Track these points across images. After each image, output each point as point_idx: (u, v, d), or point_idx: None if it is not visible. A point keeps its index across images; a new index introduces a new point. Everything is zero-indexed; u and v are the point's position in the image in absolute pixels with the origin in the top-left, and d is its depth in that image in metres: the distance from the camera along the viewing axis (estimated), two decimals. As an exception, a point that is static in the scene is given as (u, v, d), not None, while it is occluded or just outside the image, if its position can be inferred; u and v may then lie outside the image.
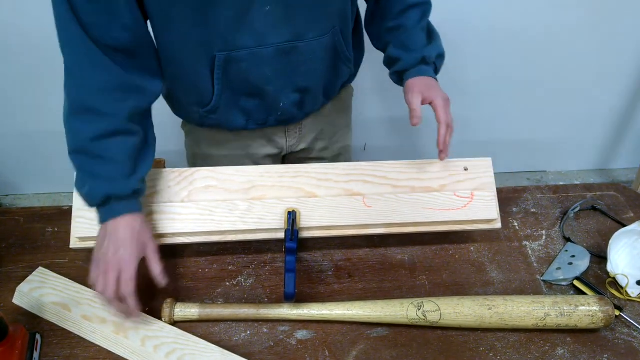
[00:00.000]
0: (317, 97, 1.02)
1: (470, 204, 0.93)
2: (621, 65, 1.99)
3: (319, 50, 0.91)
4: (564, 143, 2.26)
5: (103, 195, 0.77)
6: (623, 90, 2.08)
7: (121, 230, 0.77)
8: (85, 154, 0.77)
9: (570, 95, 2.06)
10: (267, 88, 0.92)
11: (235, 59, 0.86)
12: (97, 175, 0.77)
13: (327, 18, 0.89)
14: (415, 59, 0.94)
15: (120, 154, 0.78)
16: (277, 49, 0.86)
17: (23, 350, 0.77)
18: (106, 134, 0.77)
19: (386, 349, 0.83)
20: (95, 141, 0.77)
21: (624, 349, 0.84)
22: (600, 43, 1.90)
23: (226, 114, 0.97)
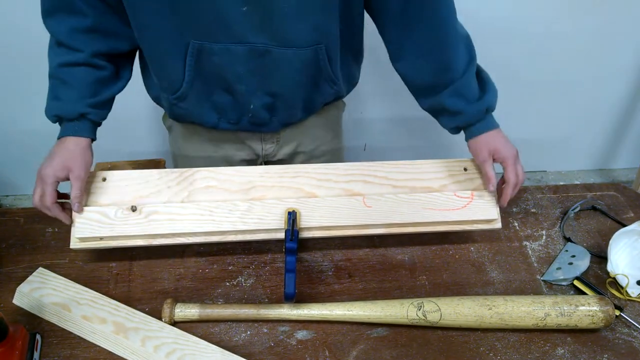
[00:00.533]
0: (292, 107, 0.99)
1: (470, 204, 0.93)
2: (621, 65, 1.99)
3: (296, 62, 0.88)
4: (564, 143, 2.26)
5: (53, 114, 0.87)
6: (623, 90, 2.08)
7: (57, 149, 0.86)
8: (54, 77, 0.88)
9: (571, 95, 2.06)
10: (238, 86, 0.91)
11: (209, 50, 0.85)
12: (55, 97, 0.87)
13: (307, 32, 0.86)
14: (479, 112, 0.90)
15: (81, 81, 0.87)
16: (251, 49, 0.85)
17: (23, 350, 0.77)
18: (71, 64, 0.86)
19: (386, 349, 0.83)
20: (61, 67, 0.87)
21: (624, 348, 0.84)
22: (600, 43, 1.90)
23: (196, 106, 0.96)
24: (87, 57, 0.86)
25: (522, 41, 1.85)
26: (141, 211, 0.88)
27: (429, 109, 0.97)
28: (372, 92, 1.93)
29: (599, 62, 1.96)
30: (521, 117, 2.12)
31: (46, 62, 0.85)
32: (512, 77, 1.96)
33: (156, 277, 0.92)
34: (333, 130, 1.16)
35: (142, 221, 0.87)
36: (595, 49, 1.91)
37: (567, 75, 1.99)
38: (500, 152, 0.90)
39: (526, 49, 1.88)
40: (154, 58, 0.90)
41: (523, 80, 1.98)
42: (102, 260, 0.95)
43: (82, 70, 0.87)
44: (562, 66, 1.95)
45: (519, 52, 1.88)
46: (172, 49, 0.87)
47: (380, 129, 2.10)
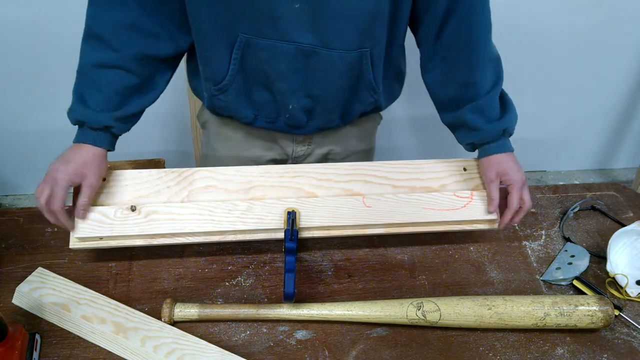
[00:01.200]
0: (330, 113, 0.99)
1: (470, 204, 0.94)
2: (621, 65, 1.99)
3: (341, 64, 0.89)
4: (564, 143, 2.26)
5: (76, 119, 0.84)
6: (623, 90, 2.08)
7: (72, 153, 0.84)
8: (84, 75, 0.85)
9: (570, 95, 2.06)
10: (279, 85, 0.91)
11: (256, 45, 0.86)
12: (82, 99, 0.84)
13: (355, 34, 0.86)
14: (497, 132, 0.91)
15: (111, 86, 0.84)
16: (298, 49, 0.86)
17: (23, 350, 0.77)
18: (106, 65, 0.83)
19: (386, 349, 0.83)
20: (94, 67, 0.84)
21: (624, 348, 0.84)
22: (600, 43, 1.90)
23: (236, 101, 0.96)
24: (125, 58, 0.84)
25: (522, 41, 1.85)
26: (141, 211, 0.88)
27: (449, 123, 0.98)
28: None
29: (599, 62, 1.96)
30: (521, 117, 2.11)
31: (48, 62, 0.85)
32: (512, 77, 1.95)
33: (156, 277, 0.92)
34: (366, 143, 1.15)
35: (142, 221, 0.87)
36: (596, 49, 1.91)
37: (567, 75, 1.99)
38: (509, 175, 0.91)
39: (526, 49, 1.88)
40: (202, 46, 0.90)
41: (523, 80, 1.98)
42: (101, 260, 0.95)
43: (115, 74, 0.84)
44: (562, 66, 1.95)
45: (519, 52, 1.88)
46: (221, 40, 0.87)
47: (381, 129, 2.09)
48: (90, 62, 0.84)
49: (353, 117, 1.03)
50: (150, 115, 2.01)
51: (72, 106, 0.85)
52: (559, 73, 1.98)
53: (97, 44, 0.83)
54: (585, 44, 1.89)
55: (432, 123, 2.25)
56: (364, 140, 1.14)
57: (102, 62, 0.83)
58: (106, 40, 0.83)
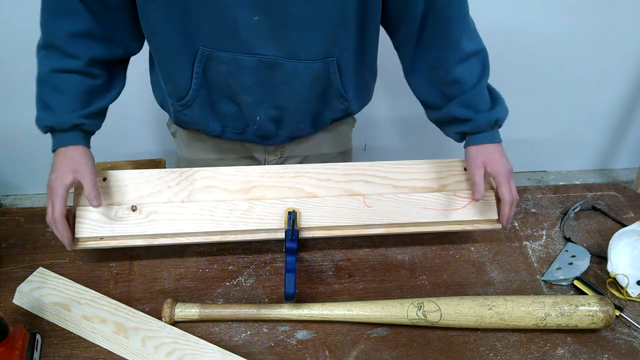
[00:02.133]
0: (299, 122, 0.98)
1: (470, 204, 0.93)
2: (621, 65, 1.99)
3: (306, 75, 0.87)
4: (564, 143, 2.26)
5: (45, 125, 0.84)
6: (623, 91, 2.08)
7: (56, 161, 0.85)
8: (44, 83, 0.84)
9: (570, 95, 2.06)
10: (244, 97, 0.90)
11: (217, 59, 0.85)
12: (46, 106, 0.84)
13: (319, 44, 0.85)
14: (488, 122, 0.90)
15: (74, 89, 0.84)
16: (260, 61, 0.84)
17: (23, 350, 0.77)
18: (65, 70, 0.83)
19: (386, 349, 0.83)
20: (54, 73, 0.83)
21: (624, 349, 0.84)
22: (600, 43, 1.90)
23: (201, 115, 0.95)
24: (83, 64, 0.83)
25: (522, 41, 1.85)
26: (141, 211, 0.88)
27: (437, 120, 0.97)
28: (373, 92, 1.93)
29: (599, 61, 1.96)
30: (521, 117, 2.12)
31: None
32: (512, 77, 1.96)
33: (156, 277, 0.92)
34: (341, 147, 1.13)
35: (142, 221, 0.87)
36: (596, 49, 1.91)
37: (568, 75, 1.99)
38: (495, 166, 0.89)
39: (526, 49, 1.88)
40: (162, 62, 0.89)
41: (523, 80, 1.98)
42: (102, 260, 0.95)
43: (76, 78, 0.84)
44: (562, 66, 1.95)
45: (519, 52, 1.88)
46: (181, 55, 0.86)
47: (380, 129, 2.10)
48: (49, 69, 0.83)
49: (324, 124, 1.02)
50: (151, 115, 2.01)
51: (38, 115, 0.85)
52: (559, 73, 1.97)
53: (53, 53, 0.83)
54: (586, 44, 1.89)
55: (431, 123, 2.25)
56: (339, 144, 1.12)
57: (63, 68, 0.83)
58: (62, 49, 0.82)
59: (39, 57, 0.84)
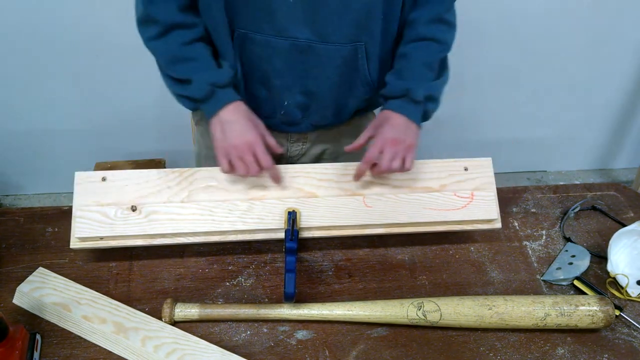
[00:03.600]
0: (325, 109, 0.99)
1: (470, 204, 0.93)
2: (621, 65, 1.99)
3: (336, 58, 0.89)
4: (564, 143, 2.26)
5: (209, 83, 0.84)
6: (623, 91, 2.08)
7: (235, 117, 0.85)
8: (179, 60, 0.85)
9: (571, 95, 2.06)
10: (274, 81, 0.92)
11: (251, 40, 0.86)
12: (197, 69, 0.85)
13: (351, 26, 0.86)
14: (400, 90, 0.88)
15: (207, 54, 0.87)
16: (293, 44, 0.86)
17: (23, 350, 0.77)
18: (192, 40, 0.86)
19: (386, 349, 0.83)
20: (184, 46, 0.85)
21: (624, 348, 0.84)
22: (600, 43, 1.90)
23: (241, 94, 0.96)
24: (202, 30, 0.87)
25: (522, 41, 1.85)
26: (141, 211, 0.88)
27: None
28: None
29: (599, 62, 1.96)
30: (521, 117, 2.12)
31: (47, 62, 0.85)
32: (512, 77, 1.96)
33: (156, 277, 0.92)
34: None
35: (142, 221, 0.87)
36: (595, 49, 1.91)
37: (567, 75, 1.99)
38: (381, 130, 0.87)
39: (526, 49, 1.88)
40: (214, 40, 0.91)
41: (523, 81, 1.98)
42: (102, 260, 0.95)
43: (202, 46, 0.87)
44: (562, 66, 1.95)
45: (519, 52, 1.88)
46: (225, 36, 0.88)
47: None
48: (178, 44, 0.85)
49: (347, 114, 1.03)
50: (151, 115, 2.01)
51: (195, 80, 0.85)
52: (560, 73, 1.97)
53: (177, 31, 0.85)
54: (586, 44, 1.89)
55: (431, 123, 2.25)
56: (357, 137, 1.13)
57: (189, 39, 0.85)
58: (183, 23, 0.84)
59: (158, 48, 0.86)
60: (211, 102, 0.86)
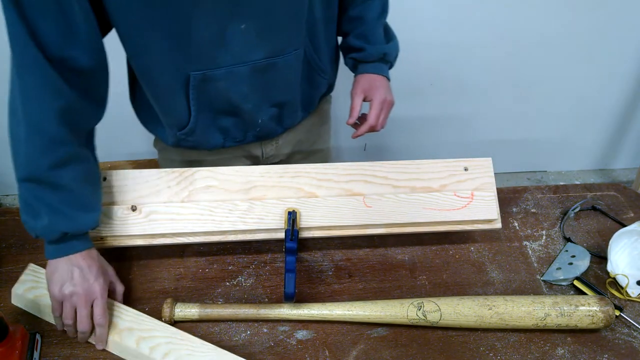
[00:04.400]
0: (295, 110, 1.01)
1: (470, 204, 0.93)
2: (621, 65, 1.99)
3: (295, 64, 0.91)
4: (564, 143, 2.26)
5: (61, 232, 0.75)
6: (623, 90, 2.08)
7: (84, 263, 0.77)
8: (42, 183, 0.73)
9: (570, 95, 2.06)
10: (244, 106, 0.91)
11: (212, 77, 0.85)
12: (56, 210, 0.74)
13: (300, 34, 0.88)
14: (378, 54, 1.00)
15: (76, 182, 0.76)
16: (254, 67, 0.85)
17: (23, 350, 0.77)
18: (62, 162, 0.73)
19: (386, 349, 0.83)
20: (53, 169, 0.72)
21: (624, 349, 0.84)
22: (600, 43, 1.90)
23: (204, 135, 0.96)
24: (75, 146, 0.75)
25: (522, 41, 1.85)
26: (141, 211, 0.88)
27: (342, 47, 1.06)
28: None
29: (599, 62, 1.96)
30: (521, 118, 2.12)
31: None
32: (512, 77, 1.96)
33: (156, 277, 0.92)
34: (326, 124, 1.20)
35: (142, 221, 0.87)
36: (596, 49, 1.92)
37: (567, 75, 1.99)
38: (373, 93, 1.00)
39: (526, 50, 1.88)
40: (157, 97, 0.89)
41: (523, 80, 1.98)
42: (102, 260, 0.95)
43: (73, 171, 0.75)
44: (562, 66, 1.95)
45: (519, 53, 1.88)
46: (175, 85, 0.85)
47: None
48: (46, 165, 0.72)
49: (314, 105, 1.08)
50: (151, 115, 1.99)
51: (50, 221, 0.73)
52: (559, 73, 1.98)
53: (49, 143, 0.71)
54: (585, 44, 1.89)
55: (431, 123, 2.25)
56: (325, 123, 1.20)
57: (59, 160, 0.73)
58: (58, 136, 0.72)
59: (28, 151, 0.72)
60: (56, 247, 0.77)
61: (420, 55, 1.80)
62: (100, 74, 0.78)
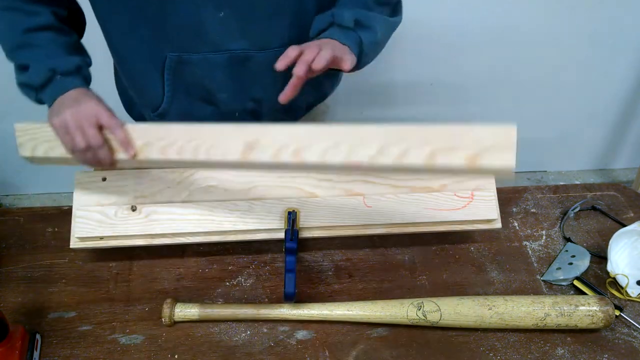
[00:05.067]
0: (276, 112, 0.98)
1: (470, 204, 0.93)
2: (621, 65, 1.99)
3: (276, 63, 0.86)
4: (564, 143, 2.26)
5: (47, 69, 0.75)
6: (623, 90, 2.08)
7: (74, 94, 0.75)
8: (23, 47, 0.77)
9: (570, 95, 2.06)
10: (219, 95, 0.90)
11: (187, 61, 0.84)
12: (37, 57, 0.76)
13: (285, 29, 0.84)
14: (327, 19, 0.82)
15: (55, 44, 0.78)
16: (231, 57, 0.84)
17: (23, 350, 0.77)
18: (39, 28, 0.77)
19: (386, 349, 0.83)
20: (29, 33, 0.77)
21: (624, 349, 0.84)
22: (600, 43, 1.90)
23: (179, 120, 0.93)
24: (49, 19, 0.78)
25: (522, 41, 1.85)
26: (141, 211, 0.88)
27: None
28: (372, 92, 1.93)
29: (599, 62, 1.96)
30: (521, 117, 2.12)
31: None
32: (511, 77, 1.96)
33: (156, 277, 0.92)
34: None
35: (142, 221, 0.87)
36: (595, 49, 1.91)
37: (567, 75, 1.99)
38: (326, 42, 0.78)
39: (526, 49, 1.88)
40: (131, 75, 0.88)
41: (523, 80, 1.98)
42: (102, 260, 0.95)
43: (51, 34, 0.78)
44: (562, 66, 1.95)
45: (518, 52, 1.88)
46: (149, 65, 0.85)
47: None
48: (21, 30, 0.77)
49: (300, 112, 1.02)
50: (151, 115, 1.99)
51: (33, 67, 0.76)
52: (559, 73, 1.97)
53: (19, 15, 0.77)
54: (586, 44, 1.89)
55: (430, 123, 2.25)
56: None
57: (35, 26, 0.77)
58: (26, 9, 0.77)
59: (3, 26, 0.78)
60: (49, 87, 0.76)
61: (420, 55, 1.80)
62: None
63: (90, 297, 0.89)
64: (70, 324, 0.85)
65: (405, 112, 2.01)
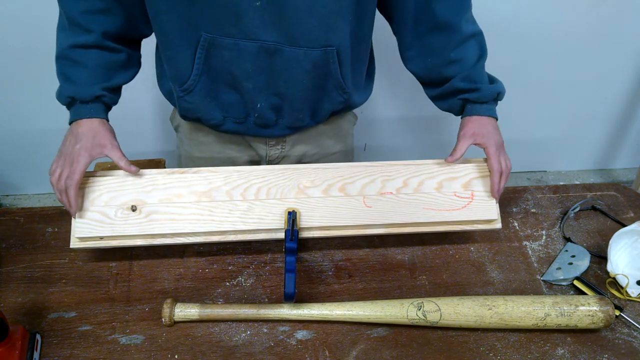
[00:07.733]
0: (299, 111, 0.98)
1: (470, 204, 0.93)
2: (621, 65, 1.99)
3: (306, 63, 0.88)
4: (564, 143, 2.26)
5: (67, 96, 0.86)
6: (623, 90, 2.08)
7: (80, 129, 0.86)
8: (65, 58, 0.87)
9: (570, 95, 2.06)
10: (245, 84, 0.91)
11: (220, 45, 0.86)
12: (68, 78, 0.87)
13: (320, 32, 0.85)
14: (492, 94, 0.93)
15: (94, 62, 0.87)
16: (261, 47, 0.85)
17: (23, 350, 0.77)
18: (83, 45, 0.86)
19: (386, 349, 0.83)
20: (73, 49, 0.86)
21: (624, 348, 0.84)
22: (600, 42, 1.90)
23: (202, 102, 0.95)
24: (98, 38, 0.86)
25: (522, 41, 1.85)
26: (141, 211, 0.88)
27: (437, 95, 0.99)
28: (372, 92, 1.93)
29: (599, 62, 1.96)
30: (521, 117, 2.12)
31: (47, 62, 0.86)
32: (512, 77, 1.95)
33: (156, 277, 0.92)
34: (343, 144, 1.14)
35: (142, 221, 0.87)
36: (595, 49, 1.91)
37: (567, 75, 1.99)
38: (484, 137, 0.92)
39: (526, 49, 1.88)
40: (165, 45, 0.90)
41: (523, 80, 1.98)
42: (102, 260, 0.95)
43: (94, 52, 0.87)
44: (562, 66, 1.95)
45: (518, 52, 1.88)
46: (184, 40, 0.87)
47: (380, 128, 2.10)
48: (68, 45, 0.86)
49: (324, 116, 1.03)
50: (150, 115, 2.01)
51: (60, 87, 0.87)
52: (559, 73, 1.97)
53: (71, 30, 0.86)
54: (585, 44, 1.89)
55: (430, 123, 2.25)
56: (340, 141, 1.13)
57: (80, 43, 0.86)
58: (78, 25, 0.85)
59: (58, 38, 0.88)
60: (71, 111, 0.88)
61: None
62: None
63: (90, 297, 0.89)
64: (70, 324, 0.85)
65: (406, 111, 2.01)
